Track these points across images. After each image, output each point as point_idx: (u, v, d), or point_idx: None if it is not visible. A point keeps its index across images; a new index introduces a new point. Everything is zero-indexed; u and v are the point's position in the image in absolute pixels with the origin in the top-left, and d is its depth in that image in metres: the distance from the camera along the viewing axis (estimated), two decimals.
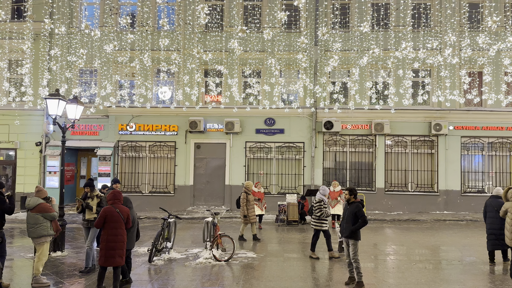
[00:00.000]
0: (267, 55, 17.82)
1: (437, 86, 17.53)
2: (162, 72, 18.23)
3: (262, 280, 7.86)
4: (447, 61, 17.26)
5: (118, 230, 6.79)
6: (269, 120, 17.96)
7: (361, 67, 16.91)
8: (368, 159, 18.12)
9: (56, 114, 9.53)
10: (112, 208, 6.82)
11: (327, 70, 17.35)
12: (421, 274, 8.40)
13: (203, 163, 18.29)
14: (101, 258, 6.64)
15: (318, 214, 9.61)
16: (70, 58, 18.04)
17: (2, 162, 18.60)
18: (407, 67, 17.35)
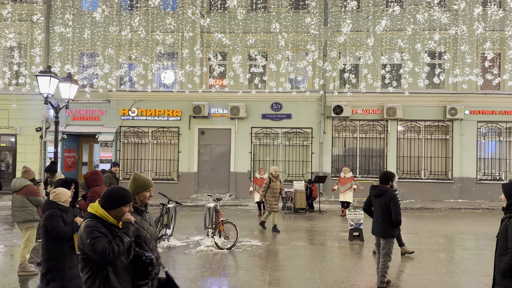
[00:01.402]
0: (273, 36, 17.05)
1: (452, 69, 16.64)
2: (165, 55, 17.56)
3: (267, 270, 7.27)
4: (463, 41, 16.37)
5: None
6: (276, 105, 17.25)
7: (373, 48, 16.05)
8: (379, 145, 17.36)
9: (48, 92, 8.95)
10: (102, 189, 6.23)
11: (337, 51, 16.55)
12: (440, 264, 7.74)
13: (208, 150, 17.69)
14: None
15: None
16: (70, 41, 17.44)
17: (2, 148, 18.19)
18: (421, 49, 16.44)
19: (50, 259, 4.61)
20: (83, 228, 3.03)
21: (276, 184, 10.75)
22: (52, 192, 4.86)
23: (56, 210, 4.71)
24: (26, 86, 17.13)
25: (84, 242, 2.99)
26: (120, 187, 3.25)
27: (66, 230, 4.62)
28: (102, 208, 3.12)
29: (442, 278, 6.90)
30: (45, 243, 4.67)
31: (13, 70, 17.54)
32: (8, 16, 16.62)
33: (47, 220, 4.59)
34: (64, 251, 4.65)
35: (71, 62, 17.48)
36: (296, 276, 6.87)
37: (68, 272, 4.60)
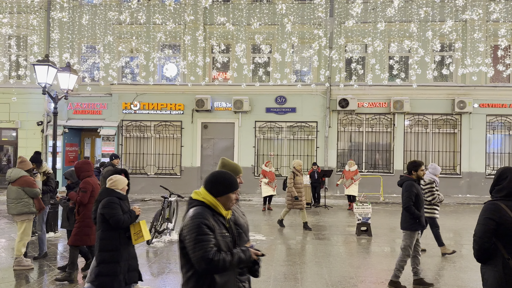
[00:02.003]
0: (278, 28, 16.71)
1: (462, 60, 16.23)
2: (167, 47, 17.25)
3: (271, 265, 6.98)
4: (473, 33, 15.95)
5: None
6: (280, 98, 16.92)
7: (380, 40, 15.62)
8: (386, 139, 17.01)
9: (46, 82, 8.68)
10: (94, 179, 5.97)
11: (343, 43, 16.17)
12: (454, 259, 7.43)
13: (211, 144, 17.41)
14: (86, 237, 5.81)
15: (429, 199, 7.61)
16: (71, 34, 17.17)
17: (3, 142, 18.00)
18: (430, 40, 16.02)
19: (105, 250, 4.32)
20: (191, 217, 2.59)
21: (301, 179, 10.14)
22: (109, 179, 4.61)
23: (114, 197, 4.44)
24: (27, 79, 16.89)
25: (187, 235, 2.55)
26: (225, 171, 2.82)
27: (125, 219, 4.35)
28: (208, 192, 2.69)
29: (456, 274, 6.60)
30: (101, 233, 4.38)
31: (13, 62, 17.34)
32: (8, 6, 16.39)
33: (105, 208, 4.32)
34: (120, 242, 4.36)
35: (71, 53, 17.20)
36: (302, 271, 6.59)
37: (123, 264, 4.32)
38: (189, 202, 2.77)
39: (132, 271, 4.44)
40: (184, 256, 2.62)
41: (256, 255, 2.74)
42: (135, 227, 4.49)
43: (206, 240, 2.51)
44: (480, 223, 3.31)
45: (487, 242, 3.25)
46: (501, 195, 3.33)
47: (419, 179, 5.91)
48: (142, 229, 4.48)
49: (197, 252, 2.49)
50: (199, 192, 2.74)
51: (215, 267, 2.50)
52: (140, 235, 4.46)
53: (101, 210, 4.37)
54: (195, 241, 2.51)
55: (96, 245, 4.43)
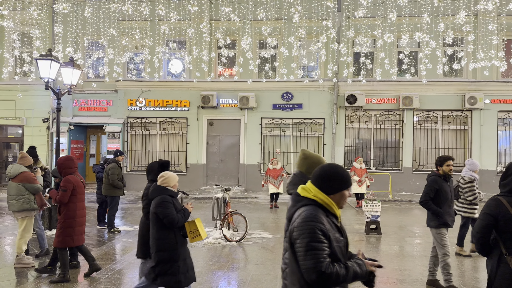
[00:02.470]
0: (285, 23, 16.46)
1: (473, 55, 15.88)
2: (173, 43, 17.09)
3: (278, 263, 6.77)
4: (483, 27, 15.60)
5: (84, 202, 5.85)
6: (287, 95, 16.69)
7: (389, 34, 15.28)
8: (395, 136, 16.71)
9: (49, 77, 8.54)
10: (76, 177, 5.73)
11: (351, 38, 15.87)
12: (465, 258, 7.18)
13: (216, 141, 17.23)
14: (68, 238, 5.61)
15: (470, 199, 7.12)
16: (76, 28, 17.06)
17: (9, 139, 17.98)
18: (440, 34, 15.70)
19: (162, 250, 4.20)
20: (305, 219, 2.26)
21: None
22: (160, 176, 4.41)
23: (167, 196, 4.28)
24: (32, 75, 16.84)
25: (298, 239, 2.24)
26: (337, 165, 2.45)
27: (179, 218, 4.22)
28: (320, 190, 2.37)
29: (470, 274, 6.35)
30: (156, 233, 4.24)
31: (18, 59, 17.29)
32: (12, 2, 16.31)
33: (158, 207, 4.18)
34: (177, 240, 4.24)
35: (75, 49, 17.10)
36: None
37: (182, 263, 4.20)
38: (296, 199, 2.45)
39: (190, 270, 4.35)
40: (295, 261, 2.30)
41: (373, 266, 2.38)
42: (190, 226, 4.37)
43: (319, 249, 2.19)
44: (480, 218, 3.36)
45: (484, 237, 3.29)
46: (505, 190, 3.34)
47: (446, 175, 5.60)
48: (198, 228, 4.36)
49: (308, 261, 2.19)
50: (308, 188, 2.41)
51: (326, 281, 2.19)
52: (197, 233, 4.36)
53: (154, 209, 4.23)
54: (307, 247, 2.20)
55: (152, 245, 4.28)
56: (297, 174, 3.12)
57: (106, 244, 8.05)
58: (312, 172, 2.49)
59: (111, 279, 5.85)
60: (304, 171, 3.00)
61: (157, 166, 4.81)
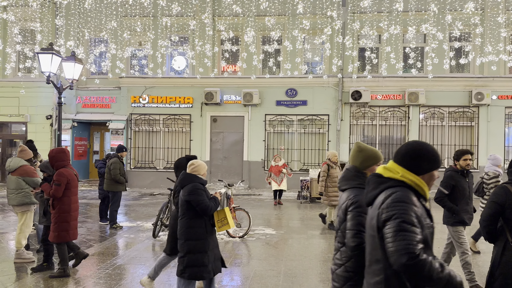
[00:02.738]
0: (289, 18, 16.30)
1: (479, 50, 15.65)
2: (176, 39, 16.98)
3: (281, 259, 6.66)
4: (491, 20, 15.36)
5: (77, 196, 5.74)
6: (291, 91, 16.53)
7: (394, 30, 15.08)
8: (400, 133, 16.51)
9: (50, 71, 8.46)
10: (70, 170, 5.59)
11: (356, 30, 15.70)
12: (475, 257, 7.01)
13: (220, 138, 17.12)
14: (65, 233, 5.50)
15: None
16: (78, 24, 17.01)
17: (13, 136, 17.97)
18: (447, 28, 15.47)
19: (192, 239, 4.08)
20: (395, 200, 2.01)
21: (336, 172, 9.04)
22: (190, 164, 4.32)
23: (198, 183, 4.18)
24: (35, 72, 16.81)
25: (389, 221, 1.98)
26: (425, 143, 2.21)
27: (212, 205, 4.10)
28: (408, 169, 2.11)
29: (479, 269, 6.19)
30: (186, 221, 4.13)
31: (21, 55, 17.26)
32: None
33: (191, 195, 4.06)
34: (206, 230, 4.13)
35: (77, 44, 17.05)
36: (314, 267, 6.25)
37: (211, 253, 4.11)
38: (378, 181, 2.18)
39: (217, 260, 4.25)
40: (382, 248, 2.05)
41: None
42: (219, 214, 4.31)
43: (412, 232, 1.93)
44: (487, 206, 3.34)
45: (491, 225, 3.26)
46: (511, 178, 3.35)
47: (464, 170, 5.33)
48: (227, 216, 4.30)
49: (398, 241, 1.90)
50: (392, 168, 2.16)
51: (417, 269, 1.89)
52: (225, 222, 4.30)
53: (186, 197, 4.11)
54: (398, 227, 1.93)
55: (181, 234, 4.17)
56: (350, 169, 2.90)
57: (108, 239, 7.97)
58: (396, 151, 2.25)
59: (111, 274, 5.76)
60: (358, 165, 2.82)
61: (185, 161, 4.78)
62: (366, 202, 2.25)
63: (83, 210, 11.74)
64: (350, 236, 2.58)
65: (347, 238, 2.60)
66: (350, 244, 2.57)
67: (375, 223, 2.09)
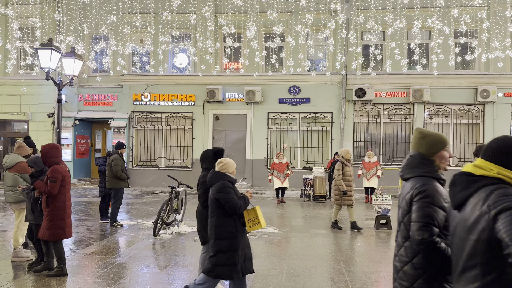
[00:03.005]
0: (292, 15, 16.13)
1: (485, 45, 15.42)
2: (178, 36, 16.87)
3: (284, 258, 6.51)
4: (496, 17, 15.14)
5: (70, 193, 5.59)
6: (294, 88, 16.37)
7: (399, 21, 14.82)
8: (405, 131, 16.31)
9: (49, 67, 8.34)
10: (64, 167, 5.44)
11: (360, 29, 15.51)
12: None
13: (222, 136, 16.98)
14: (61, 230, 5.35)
15: None
16: (79, 20, 16.91)
17: (15, 134, 17.90)
18: (451, 25, 15.26)
19: (222, 238, 3.98)
20: (501, 195, 1.82)
21: (350, 170, 8.74)
22: (219, 162, 4.21)
23: (227, 181, 4.07)
24: (36, 69, 16.72)
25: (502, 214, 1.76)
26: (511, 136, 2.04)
27: (241, 204, 3.99)
28: (503, 166, 1.93)
29: None
30: (216, 220, 4.03)
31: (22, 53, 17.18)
32: None
33: (220, 193, 3.97)
34: (237, 228, 4.03)
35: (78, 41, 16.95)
36: (317, 266, 6.10)
37: (241, 253, 4.00)
38: (469, 181, 2.00)
39: (248, 260, 4.12)
40: (489, 251, 1.82)
41: None
42: (249, 213, 4.18)
43: None
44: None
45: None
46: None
47: None
48: (259, 215, 4.16)
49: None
50: (484, 166, 1.97)
51: None
52: (256, 222, 4.16)
53: (215, 195, 4.01)
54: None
55: (211, 233, 4.07)
56: (415, 156, 2.66)
57: (108, 238, 7.84)
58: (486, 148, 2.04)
59: (110, 273, 5.62)
60: (424, 152, 2.61)
61: (212, 153, 4.68)
62: (455, 204, 2.05)
63: (84, 208, 11.64)
64: (415, 228, 2.39)
65: (412, 231, 2.42)
66: (416, 238, 2.38)
67: (479, 224, 1.88)
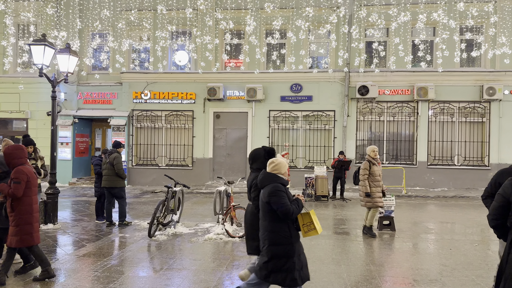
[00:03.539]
0: (293, 11, 15.85)
1: (491, 41, 15.09)
2: (177, 32, 16.62)
3: None
4: (504, 12, 14.80)
5: (37, 196, 5.31)
6: (296, 86, 16.10)
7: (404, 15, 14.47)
8: (409, 129, 16.02)
9: (42, 63, 8.12)
10: (29, 168, 5.16)
11: (363, 24, 15.20)
12: (488, 258, 6.57)
13: (223, 134, 16.74)
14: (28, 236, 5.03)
15: None
16: (78, 20, 16.71)
17: (14, 133, 17.74)
18: (457, 20, 14.93)
19: (276, 244, 3.77)
20: None
21: (378, 169, 8.12)
22: (271, 162, 3.98)
23: (279, 184, 3.84)
24: (34, 67, 16.52)
25: None
26: None
27: (294, 209, 3.77)
28: None
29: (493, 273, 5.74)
30: (269, 225, 3.83)
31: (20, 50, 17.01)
32: None
33: (272, 196, 3.74)
34: (291, 234, 3.82)
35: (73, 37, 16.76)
36: (317, 270, 5.85)
37: (297, 259, 3.78)
38: None
39: (305, 267, 3.90)
40: None
41: None
42: (304, 218, 3.97)
43: None
44: (495, 199, 3.18)
45: (496, 218, 3.10)
46: None
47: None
48: (314, 221, 3.95)
49: None
50: None
51: None
52: (312, 227, 3.96)
53: (267, 199, 3.79)
54: None
55: (264, 238, 3.86)
56: None
57: (102, 239, 7.62)
58: None
59: (100, 277, 5.40)
60: None
61: (264, 152, 4.43)
62: None
63: (82, 208, 11.45)
64: None
65: None
66: None
67: None
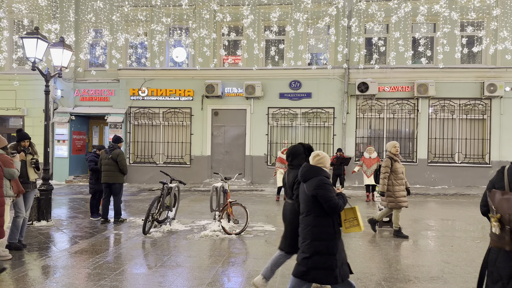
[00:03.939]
0: (292, 7, 15.69)
1: (493, 36, 14.93)
2: (175, 28, 16.45)
3: None
4: (506, 6, 14.63)
5: (2, 189, 5.15)
6: (295, 83, 15.94)
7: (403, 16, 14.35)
8: (409, 126, 15.86)
9: (35, 57, 7.96)
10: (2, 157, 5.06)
11: (363, 19, 15.04)
12: None
13: (221, 132, 16.58)
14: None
15: None
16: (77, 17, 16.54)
17: (10, 130, 17.57)
18: (457, 18, 14.75)
19: (319, 240, 3.62)
20: None
21: (401, 166, 7.61)
22: (316, 155, 3.86)
23: (324, 177, 3.71)
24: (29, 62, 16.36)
25: None
26: None
27: (341, 204, 3.65)
28: None
29: None
30: (313, 219, 3.68)
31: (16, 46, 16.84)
32: None
33: (320, 189, 3.61)
34: (335, 230, 3.69)
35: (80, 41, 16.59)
36: None
37: (339, 256, 3.64)
38: None
39: (345, 264, 3.75)
40: None
41: None
42: (346, 213, 3.87)
43: None
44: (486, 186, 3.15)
45: (484, 205, 3.09)
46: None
47: None
48: (358, 217, 3.84)
49: None
50: None
51: None
52: (355, 223, 3.85)
53: (313, 192, 3.64)
54: None
55: (306, 233, 3.70)
56: None
57: (95, 236, 7.46)
58: None
59: (91, 274, 5.23)
60: None
61: (303, 149, 4.33)
62: None
63: (77, 205, 11.29)
64: None
65: None
66: None
67: None
